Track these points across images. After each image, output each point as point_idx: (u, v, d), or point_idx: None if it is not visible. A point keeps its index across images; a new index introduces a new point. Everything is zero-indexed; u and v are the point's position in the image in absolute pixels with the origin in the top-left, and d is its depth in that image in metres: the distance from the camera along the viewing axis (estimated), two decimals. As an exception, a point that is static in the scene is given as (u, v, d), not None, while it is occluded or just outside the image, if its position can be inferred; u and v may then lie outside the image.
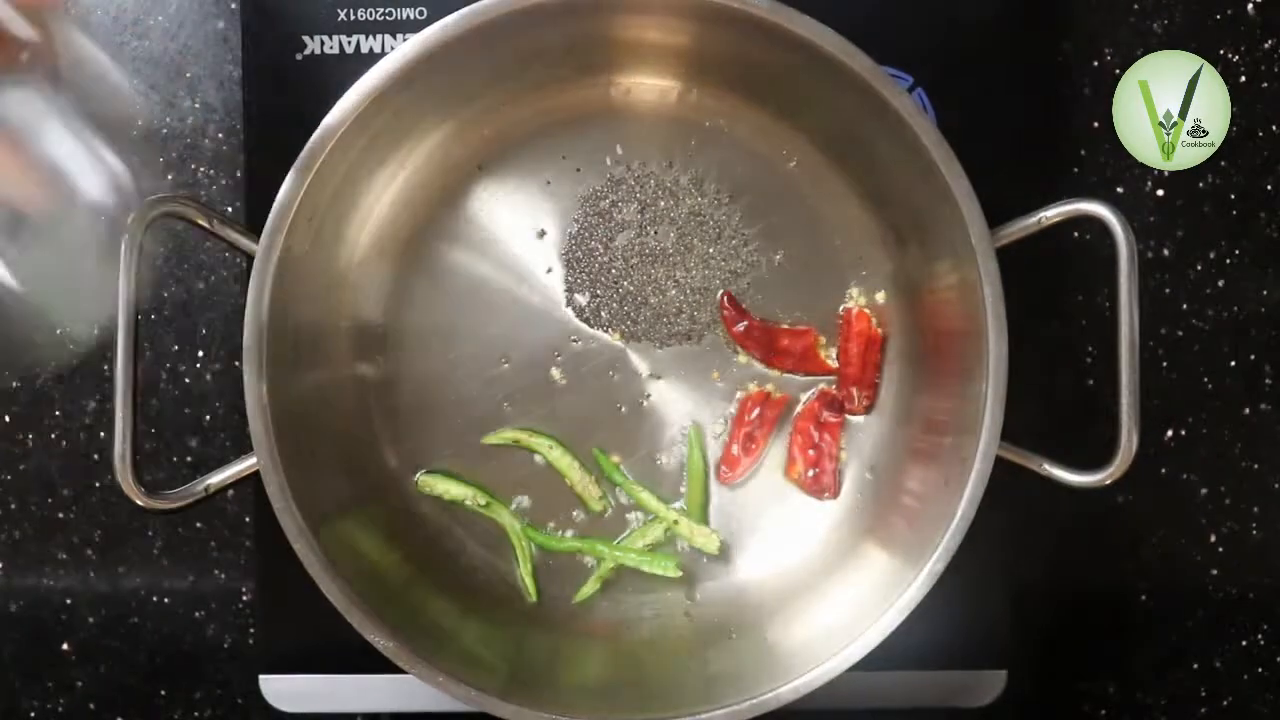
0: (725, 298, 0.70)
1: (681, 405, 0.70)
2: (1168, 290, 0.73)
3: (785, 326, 0.70)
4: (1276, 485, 0.74)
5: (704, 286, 0.70)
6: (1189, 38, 0.72)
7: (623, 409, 0.70)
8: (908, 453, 0.68)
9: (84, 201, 0.64)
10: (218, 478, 0.61)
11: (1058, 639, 0.73)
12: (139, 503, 0.59)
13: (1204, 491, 0.73)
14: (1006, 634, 0.69)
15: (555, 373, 0.70)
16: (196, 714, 0.74)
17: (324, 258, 0.65)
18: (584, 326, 0.70)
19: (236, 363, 0.62)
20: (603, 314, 0.70)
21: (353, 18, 0.68)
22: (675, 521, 0.69)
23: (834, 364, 0.70)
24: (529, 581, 0.69)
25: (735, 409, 0.70)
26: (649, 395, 0.70)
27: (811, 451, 0.69)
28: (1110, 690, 0.74)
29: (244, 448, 0.61)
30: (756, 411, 0.69)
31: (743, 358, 0.70)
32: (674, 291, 0.70)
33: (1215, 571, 0.74)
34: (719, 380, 0.70)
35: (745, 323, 0.69)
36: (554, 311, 0.70)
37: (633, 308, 0.70)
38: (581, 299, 0.70)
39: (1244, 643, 0.74)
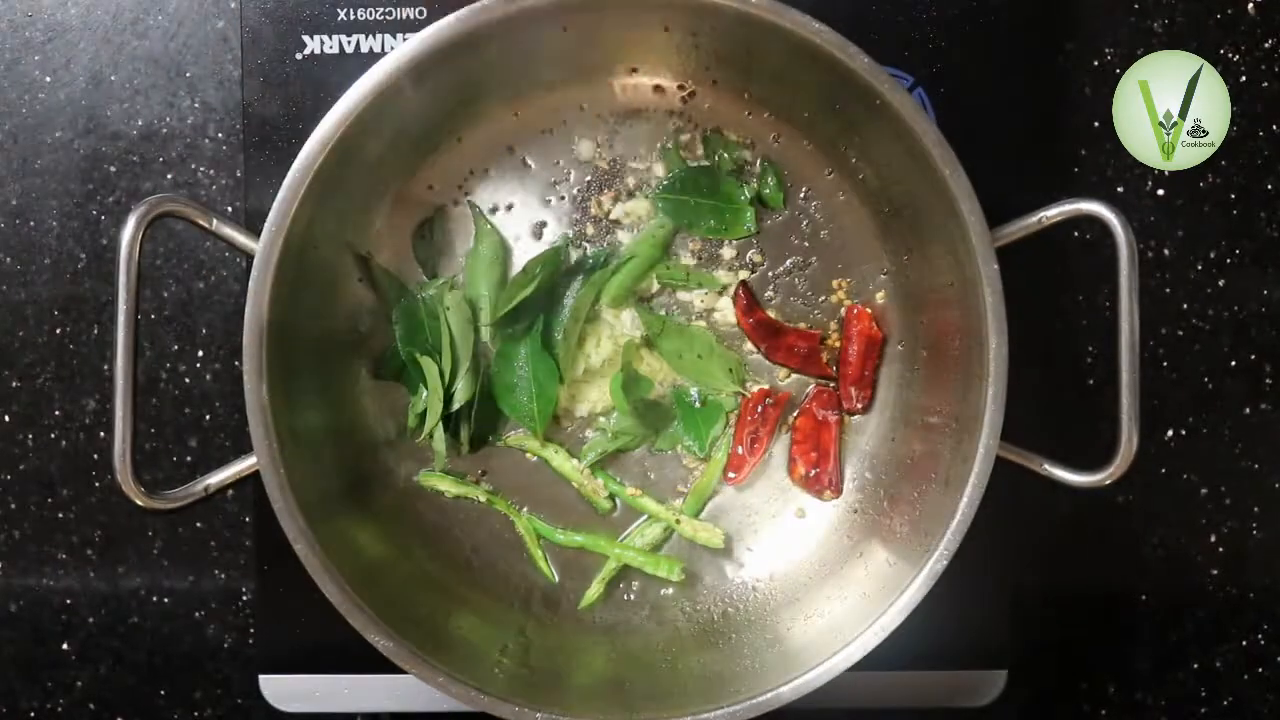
0: (741, 287, 0.69)
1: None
2: (1168, 290, 0.73)
3: (794, 326, 0.70)
4: (1276, 485, 0.74)
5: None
6: (1189, 38, 0.72)
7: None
8: (908, 452, 0.68)
9: None
10: (217, 478, 0.61)
11: (1058, 639, 0.73)
12: (139, 502, 0.59)
13: (1204, 491, 0.73)
14: (1006, 634, 0.69)
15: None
16: (196, 714, 0.74)
17: (324, 257, 0.65)
18: (584, 326, 0.70)
19: (236, 363, 0.62)
20: (603, 314, 0.70)
21: (353, 18, 0.68)
22: (677, 521, 0.69)
23: (834, 369, 0.69)
24: (543, 565, 0.69)
25: (737, 410, 0.70)
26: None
27: (813, 452, 0.69)
28: (1110, 690, 0.74)
29: (244, 448, 0.61)
30: (759, 409, 0.69)
31: (748, 347, 0.70)
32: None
33: (1215, 571, 0.74)
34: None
35: (756, 315, 0.69)
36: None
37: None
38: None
39: (1244, 643, 0.74)
